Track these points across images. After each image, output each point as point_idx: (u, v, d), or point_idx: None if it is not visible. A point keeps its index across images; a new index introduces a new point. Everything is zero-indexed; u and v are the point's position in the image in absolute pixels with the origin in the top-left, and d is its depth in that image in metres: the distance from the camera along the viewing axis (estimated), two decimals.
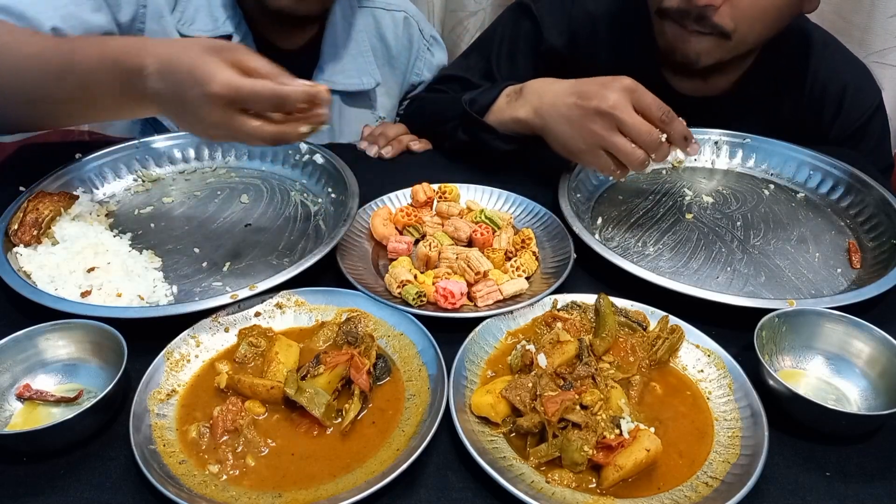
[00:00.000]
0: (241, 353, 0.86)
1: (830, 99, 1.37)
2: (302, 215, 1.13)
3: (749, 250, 1.10)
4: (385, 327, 0.90)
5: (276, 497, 0.71)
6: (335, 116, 1.46)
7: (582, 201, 1.17)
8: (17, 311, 0.91)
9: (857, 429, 0.81)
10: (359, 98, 1.48)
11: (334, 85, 1.42)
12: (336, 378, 0.81)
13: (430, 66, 1.56)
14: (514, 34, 1.43)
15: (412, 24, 1.51)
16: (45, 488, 0.72)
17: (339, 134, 1.48)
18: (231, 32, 1.31)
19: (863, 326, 0.86)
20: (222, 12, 1.30)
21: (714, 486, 0.73)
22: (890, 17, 1.75)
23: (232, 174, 1.23)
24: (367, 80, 1.45)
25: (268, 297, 0.93)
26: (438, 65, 1.57)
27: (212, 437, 0.77)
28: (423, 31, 1.52)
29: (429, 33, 1.54)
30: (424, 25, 1.54)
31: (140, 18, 1.25)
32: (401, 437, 0.77)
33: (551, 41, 1.39)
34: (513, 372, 0.85)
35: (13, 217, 1.02)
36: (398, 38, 1.49)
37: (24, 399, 0.80)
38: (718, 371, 0.86)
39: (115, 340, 0.81)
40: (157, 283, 0.97)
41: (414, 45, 1.52)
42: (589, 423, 0.76)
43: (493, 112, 1.21)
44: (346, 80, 1.43)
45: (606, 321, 0.88)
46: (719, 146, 1.32)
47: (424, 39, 1.53)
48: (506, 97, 1.20)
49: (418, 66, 1.55)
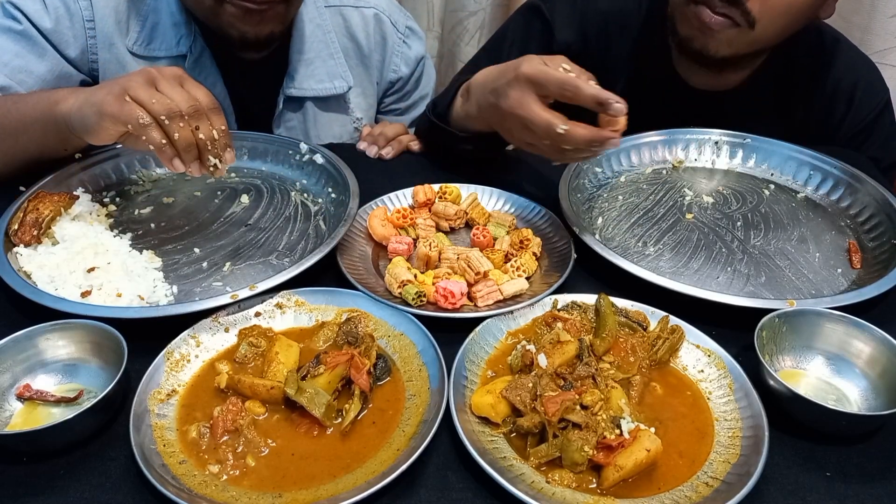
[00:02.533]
0: (241, 353, 0.86)
1: (842, 95, 1.37)
2: (302, 215, 1.13)
3: (749, 250, 1.10)
4: (385, 327, 0.90)
5: (276, 497, 0.71)
6: (309, 122, 1.44)
7: (582, 201, 1.17)
8: (17, 311, 0.91)
9: (857, 429, 0.81)
10: (333, 102, 1.44)
11: (305, 91, 1.39)
12: (336, 378, 0.81)
13: (406, 60, 1.50)
14: (526, 36, 1.43)
15: (383, 20, 1.45)
16: (45, 488, 0.72)
17: (315, 140, 1.42)
18: (185, 53, 1.30)
19: (863, 326, 0.86)
20: (174, 33, 1.29)
21: (714, 487, 0.73)
22: (890, 17, 1.75)
23: (232, 174, 1.23)
24: (339, 84, 1.41)
25: (268, 297, 0.93)
26: (416, 56, 1.51)
27: (212, 438, 0.77)
28: (396, 24, 1.47)
29: (403, 25, 1.48)
30: (398, 17, 1.48)
31: (91, 49, 1.28)
32: (401, 437, 0.77)
33: (564, 39, 1.39)
34: (513, 372, 0.85)
35: (13, 217, 1.02)
36: (369, 35, 1.45)
37: (24, 399, 0.80)
38: (719, 371, 0.86)
39: (115, 340, 0.81)
40: (157, 283, 0.97)
41: (388, 41, 1.47)
42: (589, 424, 0.76)
43: (454, 115, 1.20)
44: (317, 84, 1.39)
45: (606, 321, 0.88)
46: (719, 146, 1.32)
47: (399, 33, 1.47)
48: (460, 98, 1.19)
49: (395, 62, 1.49)
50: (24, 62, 1.21)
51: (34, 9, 1.21)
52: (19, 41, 1.21)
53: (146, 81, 0.94)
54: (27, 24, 1.21)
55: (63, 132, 1.04)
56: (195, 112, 0.94)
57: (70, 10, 1.24)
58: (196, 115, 0.94)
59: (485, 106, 1.07)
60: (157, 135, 0.92)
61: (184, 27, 1.29)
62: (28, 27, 1.21)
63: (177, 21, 1.28)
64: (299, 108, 1.42)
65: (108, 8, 1.27)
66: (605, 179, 1.25)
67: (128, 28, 1.29)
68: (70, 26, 1.25)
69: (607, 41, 1.39)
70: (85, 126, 0.98)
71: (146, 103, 0.92)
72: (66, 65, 1.26)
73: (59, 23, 1.23)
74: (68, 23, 1.24)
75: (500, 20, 2.00)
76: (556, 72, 0.94)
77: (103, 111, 0.94)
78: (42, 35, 1.22)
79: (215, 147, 0.96)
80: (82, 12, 1.25)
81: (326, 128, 1.46)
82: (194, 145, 0.94)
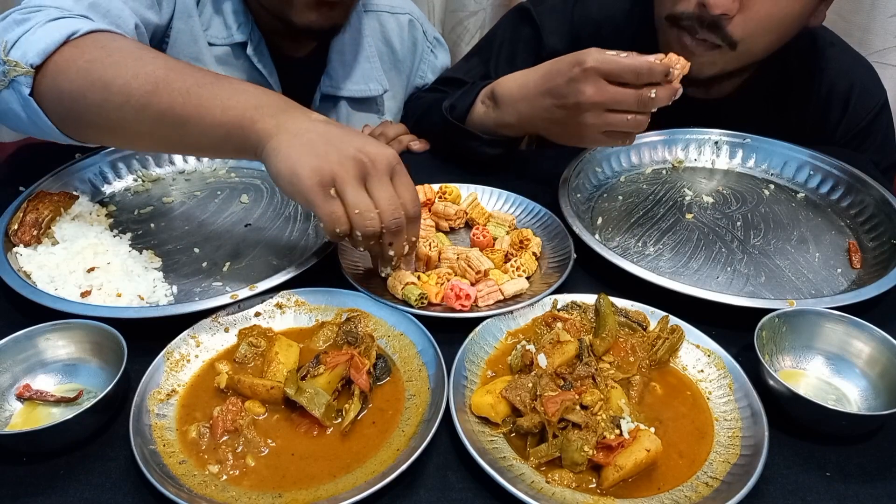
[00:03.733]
0: (241, 353, 0.86)
1: (838, 98, 1.37)
2: (302, 215, 1.13)
3: (749, 250, 1.10)
4: (385, 327, 0.90)
5: (276, 497, 0.71)
6: (342, 122, 1.47)
7: (582, 201, 1.17)
8: (17, 311, 0.91)
9: (857, 429, 0.81)
10: (366, 104, 1.48)
11: (341, 91, 1.43)
12: (336, 378, 0.81)
13: (433, 68, 1.56)
14: (514, 38, 1.43)
15: (416, 26, 1.51)
16: (45, 488, 0.72)
17: None
18: (245, 40, 1.31)
19: (863, 326, 0.86)
20: (234, 20, 1.30)
21: (714, 486, 0.73)
22: (890, 17, 1.75)
23: (232, 174, 1.23)
24: (374, 87, 1.45)
25: (268, 297, 0.93)
26: (442, 66, 1.57)
27: (212, 438, 0.77)
28: (426, 32, 1.53)
29: (432, 35, 1.54)
30: (428, 27, 1.54)
31: (176, 16, 1.26)
32: (401, 437, 0.77)
33: (552, 45, 1.39)
34: (513, 372, 0.85)
35: (13, 217, 1.02)
36: (403, 41, 1.49)
37: (24, 399, 0.80)
38: (718, 371, 0.86)
39: (115, 340, 0.81)
40: (157, 283, 0.97)
41: (418, 47, 1.52)
42: (589, 424, 0.76)
43: (473, 118, 1.21)
44: (353, 86, 1.43)
45: (606, 321, 0.88)
46: (719, 146, 1.32)
47: (428, 41, 1.53)
48: (482, 104, 1.19)
49: (422, 69, 1.55)
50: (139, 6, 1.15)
51: None
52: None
53: (357, 175, 0.83)
54: None
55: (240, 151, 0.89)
56: (397, 229, 0.86)
57: None
58: (396, 232, 0.86)
59: (539, 110, 1.07)
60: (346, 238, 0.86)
61: (242, 15, 1.30)
62: None
63: (237, 8, 1.29)
64: (333, 107, 1.46)
65: None
66: (605, 179, 1.25)
67: (198, 4, 1.28)
68: None
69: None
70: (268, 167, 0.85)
71: (349, 208, 0.83)
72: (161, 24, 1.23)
73: None
74: None
75: None
76: (623, 59, 0.97)
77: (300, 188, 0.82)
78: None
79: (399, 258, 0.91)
80: None
81: (358, 127, 1.48)
82: (379, 256, 0.92)
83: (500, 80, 1.16)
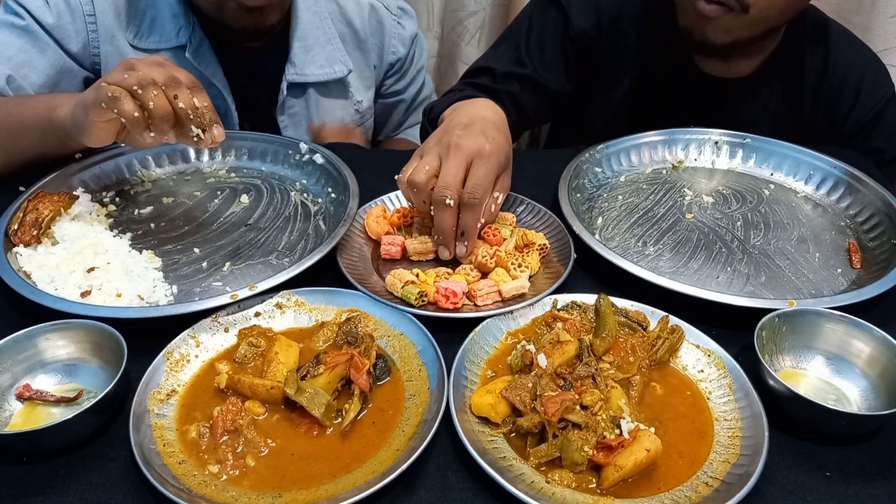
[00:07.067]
0: (241, 353, 0.86)
1: (848, 87, 1.39)
2: (302, 215, 1.13)
3: (749, 250, 1.10)
4: (385, 327, 0.90)
5: (276, 497, 0.71)
6: (312, 108, 1.47)
7: (582, 201, 1.17)
8: (17, 311, 0.91)
9: (857, 429, 0.81)
10: (333, 87, 1.48)
11: (307, 77, 1.43)
12: (336, 378, 0.81)
13: (403, 41, 1.54)
14: (543, 23, 1.44)
15: (377, 6, 1.50)
16: (45, 488, 0.72)
17: (319, 126, 1.48)
18: (185, 43, 1.32)
19: (863, 326, 0.86)
20: (174, 24, 1.31)
21: (714, 486, 0.73)
22: (890, 17, 1.75)
23: (232, 174, 1.23)
24: (339, 69, 1.45)
25: (268, 297, 0.93)
26: (411, 35, 1.55)
27: (212, 437, 0.77)
28: (389, 8, 1.52)
29: (395, 6, 1.53)
30: (390, 1, 1.52)
31: (93, 44, 1.31)
32: (401, 437, 0.77)
33: (580, 25, 1.41)
34: (513, 372, 0.85)
35: (13, 217, 1.02)
36: (365, 21, 1.49)
37: (24, 399, 0.80)
38: (718, 371, 0.86)
39: (115, 340, 0.81)
40: (156, 283, 0.97)
41: (385, 26, 1.51)
42: (589, 423, 0.75)
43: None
44: (318, 70, 1.44)
45: (606, 321, 0.88)
46: (719, 146, 1.32)
47: (393, 15, 1.52)
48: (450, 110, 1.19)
49: (393, 44, 1.53)
50: (28, 57, 1.23)
51: (36, 5, 1.24)
52: (22, 36, 1.24)
53: (124, 67, 0.95)
54: (30, 20, 1.24)
55: (61, 137, 1.07)
56: (172, 82, 0.93)
57: (71, 6, 1.27)
58: (173, 84, 0.93)
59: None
60: (129, 106, 0.92)
61: (182, 18, 1.31)
62: (31, 22, 1.24)
63: (175, 13, 1.31)
64: (302, 94, 1.46)
65: (108, 2, 1.30)
66: (605, 179, 1.25)
67: (127, 22, 1.32)
68: (71, 21, 1.28)
69: (622, 29, 1.41)
70: (77, 126, 1.00)
71: (119, 81, 0.93)
72: (68, 59, 1.29)
73: (61, 18, 1.26)
74: (69, 18, 1.27)
75: (500, 20, 2.00)
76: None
77: (86, 103, 0.96)
78: (44, 30, 1.25)
79: (198, 118, 0.95)
80: (83, 7, 1.28)
81: (329, 112, 1.49)
82: (171, 114, 0.94)
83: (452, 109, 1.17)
